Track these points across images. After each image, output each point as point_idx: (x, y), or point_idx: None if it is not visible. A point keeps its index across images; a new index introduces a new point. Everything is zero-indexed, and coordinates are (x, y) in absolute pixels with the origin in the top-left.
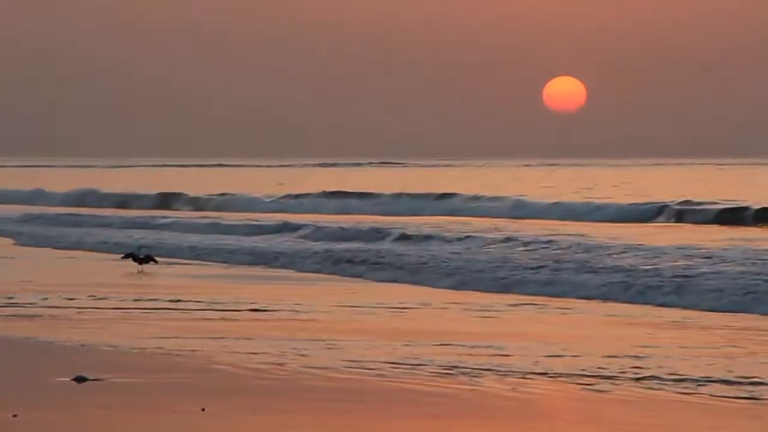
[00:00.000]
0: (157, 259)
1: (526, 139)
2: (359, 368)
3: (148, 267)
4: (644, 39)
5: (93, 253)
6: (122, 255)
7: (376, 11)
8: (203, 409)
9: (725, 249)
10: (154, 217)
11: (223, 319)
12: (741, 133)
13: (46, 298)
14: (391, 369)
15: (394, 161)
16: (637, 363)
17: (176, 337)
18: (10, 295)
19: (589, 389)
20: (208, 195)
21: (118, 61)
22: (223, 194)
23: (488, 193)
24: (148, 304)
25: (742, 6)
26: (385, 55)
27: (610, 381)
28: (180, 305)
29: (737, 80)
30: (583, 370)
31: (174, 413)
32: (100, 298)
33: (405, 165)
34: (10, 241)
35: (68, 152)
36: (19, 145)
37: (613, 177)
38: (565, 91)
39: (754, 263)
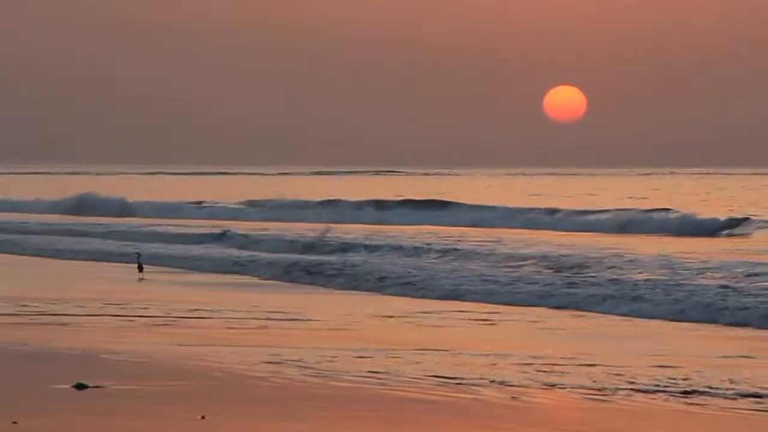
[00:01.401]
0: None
1: (526, 148)
2: (358, 376)
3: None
4: (645, 48)
5: (87, 262)
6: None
7: (376, 18)
8: (203, 417)
9: (706, 260)
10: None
11: (222, 327)
12: (744, 142)
13: (46, 306)
14: (390, 377)
15: (392, 170)
16: (641, 373)
17: (176, 345)
18: (10, 303)
19: (591, 399)
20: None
21: (107, 64)
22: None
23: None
24: (148, 312)
25: (745, 14)
26: (384, 63)
27: (614, 392)
28: (179, 313)
29: (741, 89)
30: (594, 381)
31: (174, 421)
32: (100, 306)
33: (403, 173)
34: None
35: (56, 159)
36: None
37: (593, 185)
38: (565, 100)
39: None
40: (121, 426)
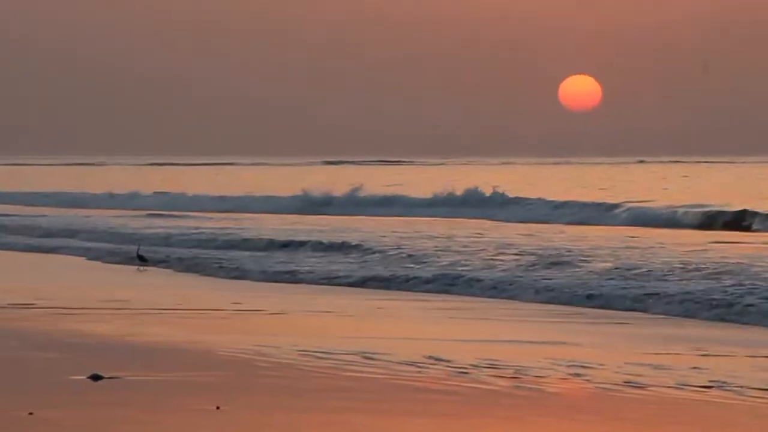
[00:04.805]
0: None
1: (541, 138)
2: (375, 367)
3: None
4: (661, 38)
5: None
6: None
7: (391, 5)
8: (218, 407)
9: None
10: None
11: (235, 317)
12: (756, 131)
13: (59, 298)
14: (407, 367)
15: (405, 159)
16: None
17: (191, 335)
18: (24, 294)
19: (611, 391)
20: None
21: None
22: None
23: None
24: (161, 303)
25: (757, 5)
26: (399, 52)
27: (632, 384)
28: (192, 304)
29: (756, 78)
30: (616, 372)
31: (189, 411)
32: (112, 297)
33: (412, 163)
34: None
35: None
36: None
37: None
38: (580, 89)
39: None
40: (136, 417)
